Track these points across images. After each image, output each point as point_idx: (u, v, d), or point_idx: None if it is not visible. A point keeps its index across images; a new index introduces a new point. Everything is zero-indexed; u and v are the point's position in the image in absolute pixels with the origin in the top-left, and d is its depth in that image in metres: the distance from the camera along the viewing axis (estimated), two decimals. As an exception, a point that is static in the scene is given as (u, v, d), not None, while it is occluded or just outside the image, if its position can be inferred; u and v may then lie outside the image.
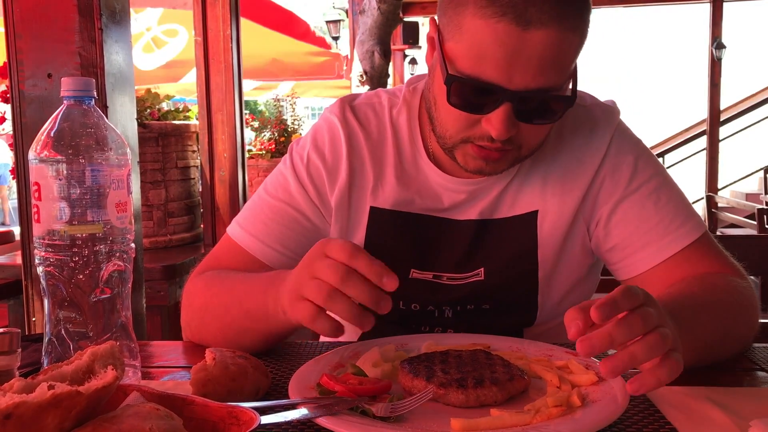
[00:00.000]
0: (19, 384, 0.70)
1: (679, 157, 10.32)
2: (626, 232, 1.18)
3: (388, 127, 1.24)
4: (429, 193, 1.21)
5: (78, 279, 0.92)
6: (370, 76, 4.05)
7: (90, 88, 0.95)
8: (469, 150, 1.08)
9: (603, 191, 1.20)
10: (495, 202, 1.20)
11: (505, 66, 0.98)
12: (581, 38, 1.02)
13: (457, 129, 1.07)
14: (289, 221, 1.21)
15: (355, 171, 1.21)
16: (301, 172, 1.22)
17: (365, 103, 1.27)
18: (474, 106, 1.04)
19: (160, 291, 2.79)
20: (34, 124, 1.73)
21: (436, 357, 0.95)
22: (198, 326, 1.18)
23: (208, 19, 3.28)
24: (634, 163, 1.20)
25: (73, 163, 0.90)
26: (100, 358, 0.79)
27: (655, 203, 1.17)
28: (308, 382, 0.92)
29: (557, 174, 1.20)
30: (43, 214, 0.91)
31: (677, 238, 1.15)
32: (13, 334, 0.86)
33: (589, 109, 1.24)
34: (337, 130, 1.23)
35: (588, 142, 1.21)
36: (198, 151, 3.42)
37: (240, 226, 1.24)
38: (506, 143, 1.05)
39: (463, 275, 1.21)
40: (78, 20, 1.69)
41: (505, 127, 1.01)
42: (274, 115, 4.90)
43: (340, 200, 1.21)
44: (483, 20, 0.97)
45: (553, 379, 0.92)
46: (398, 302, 1.21)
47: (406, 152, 1.22)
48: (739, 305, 1.09)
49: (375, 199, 1.21)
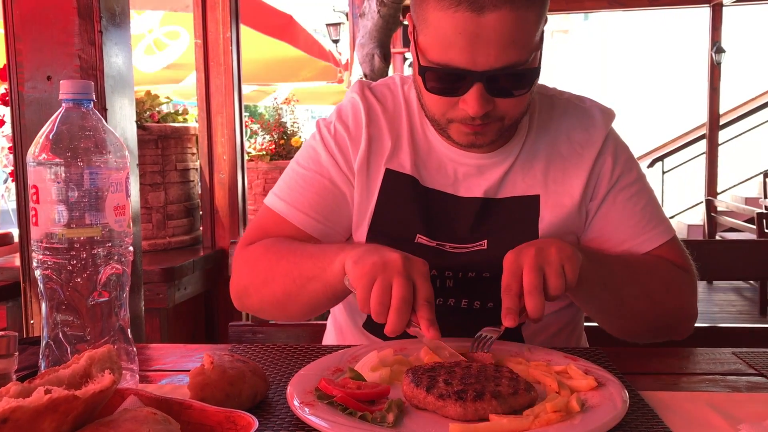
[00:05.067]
0: (15, 388, 0.70)
1: (679, 161, 10.31)
2: (608, 227, 1.28)
3: (402, 102, 1.34)
4: (436, 164, 1.29)
5: (76, 282, 0.92)
6: (370, 79, 4.05)
7: (89, 91, 0.94)
8: (457, 127, 1.18)
9: (596, 185, 1.29)
10: (499, 181, 1.27)
11: (468, 51, 1.06)
12: (538, 14, 1.09)
13: (441, 112, 1.17)
14: (322, 189, 1.30)
15: (373, 138, 1.30)
16: (329, 143, 1.31)
17: (381, 84, 1.38)
18: (448, 90, 1.13)
19: (159, 293, 2.79)
20: (33, 126, 1.73)
21: (442, 367, 0.93)
22: (260, 287, 1.25)
23: (208, 22, 3.28)
24: (623, 165, 1.30)
25: (71, 166, 0.90)
26: (98, 362, 0.78)
27: (635, 204, 1.29)
28: (306, 386, 0.92)
29: (558, 163, 1.29)
30: (41, 217, 0.91)
31: (650, 238, 1.27)
32: (10, 337, 0.86)
33: (587, 109, 1.34)
34: (357, 105, 1.33)
35: (586, 137, 1.30)
36: (197, 153, 3.42)
37: (278, 196, 1.32)
38: (486, 118, 1.13)
39: (466, 245, 1.27)
40: (78, 23, 1.69)
41: (479, 104, 1.10)
42: (274, 118, 4.89)
43: (361, 165, 1.29)
44: (442, 12, 1.06)
45: (552, 383, 0.92)
46: None
47: (416, 125, 1.32)
48: (669, 282, 1.24)
49: (391, 162, 1.29)
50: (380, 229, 1.27)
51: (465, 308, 1.26)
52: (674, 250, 1.30)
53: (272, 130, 4.76)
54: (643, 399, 0.92)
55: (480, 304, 1.26)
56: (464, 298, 1.26)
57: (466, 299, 1.26)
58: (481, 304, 1.26)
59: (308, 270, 1.16)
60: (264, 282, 1.24)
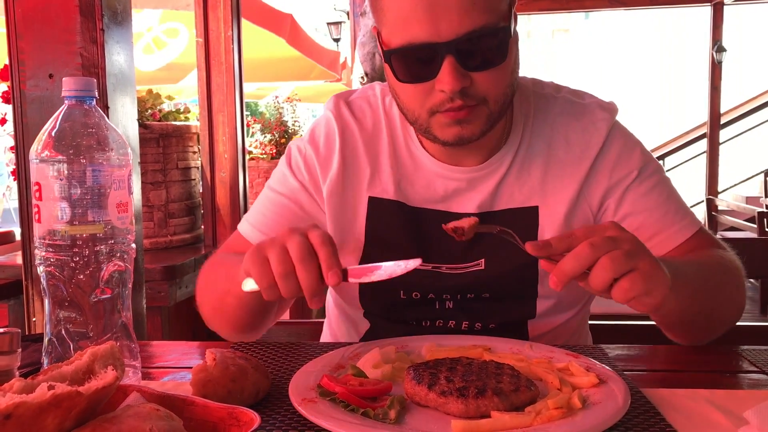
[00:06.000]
0: (19, 384, 0.70)
1: (680, 159, 10.32)
2: (637, 221, 1.20)
3: (382, 117, 1.26)
4: (424, 182, 1.22)
5: (78, 279, 0.92)
6: (371, 77, 4.05)
7: (91, 88, 0.95)
8: (440, 119, 1.09)
9: (609, 183, 1.21)
10: (493, 194, 1.21)
11: (428, 21, 1.00)
12: None
13: (419, 102, 1.08)
14: (289, 214, 1.25)
15: (349, 163, 1.23)
16: (297, 165, 1.27)
17: (360, 97, 1.30)
18: (420, 74, 1.05)
19: (161, 291, 2.79)
20: (35, 124, 1.73)
21: (444, 364, 0.93)
22: (202, 302, 1.25)
23: (210, 21, 3.28)
24: (638, 158, 1.23)
25: (74, 163, 0.90)
26: (100, 359, 0.79)
27: (659, 196, 1.21)
28: (308, 383, 0.92)
29: (556, 170, 1.21)
30: (44, 214, 0.91)
31: (681, 229, 1.20)
32: (14, 334, 0.86)
33: (586, 106, 1.26)
34: (331, 124, 1.26)
35: (585, 138, 1.22)
36: (199, 152, 3.42)
37: (247, 220, 1.31)
38: (467, 98, 1.05)
39: (463, 265, 1.22)
40: (79, 21, 1.70)
41: (453, 78, 1.02)
42: (275, 116, 4.90)
43: (332, 190, 1.23)
44: None
45: (554, 380, 0.92)
46: (399, 291, 1.22)
47: (399, 141, 1.24)
48: (728, 269, 1.16)
49: (373, 189, 1.22)
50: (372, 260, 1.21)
51: (466, 330, 1.22)
52: (706, 237, 1.23)
53: (273, 129, 4.76)
54: (645, 396, 0.92)
55: (481, 325, 1.22)
56: (465, 320, 1.22)
57: (466, 321, 1.22)
58: (483, 325, 1.22)
59: (222, 284, 1.13)
60: (202, 294, 1.25)
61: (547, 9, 8.95)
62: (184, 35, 5.53)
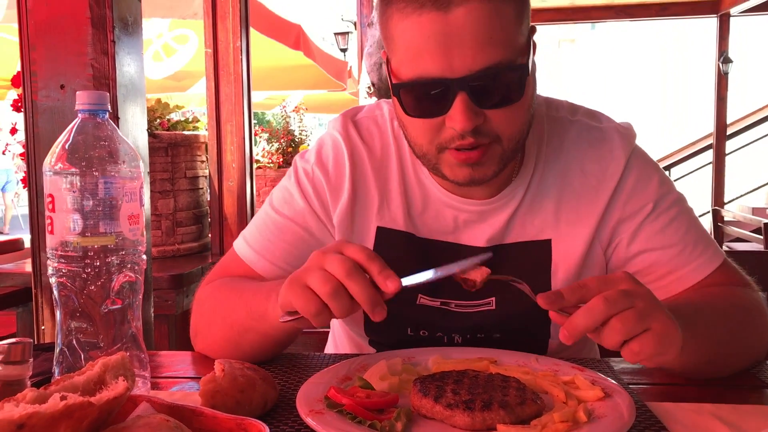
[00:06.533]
0: (32, 394, 0.71)
1: (686, 170, 10.30)
2: (650, 259, 1.15)
3: (391, 141, 1.21)
4: (433, 213, 1.18)
5: (90, 290, 0.93)
6: (377, 87, 4.06)
7: (104, 102, 0.96)
8: (450, 158, 1.04)
9: (622, 215, 1.16)
10: (505, 227, 1.16)
11: (440, 55, 0.94)
12: (516, 3, 0.98)
13: (428, 139, 1.03)
14: (294, 239, 1.20)
15: (359, 190, 1.19)
16: (305, 187, 1.21)
17: (368, 117, 1.24)
18: (430, 108, 1.00)
19: (168, 300, 2.80)
20: (46, 134, 1.75)
21: (450, 377, 0.93)
22: (205, 330, 1.18)
23: (219, 31, 3.32)
24: (657, 189, 1.17)
25: (86, 175, 0.92)
26: (112, 369, 0.80)
27: (676, 230, 1.15)
28: (316, 394, 0.93)
29: (571, 201, 1.16)
30: (56, 225, 0.92)
31: (701, 265, 1.14)
32: (26, 344, 0.87)
33: (604, 131, 1.19)
34: (340, 147, 1.21)
35: (602, 167, 1.17)
36: (207, 161, 3.44)
37: (246, 241, 1.24)
38: (480, 137, 1.00)
39: (472, 303, 1.18)
40: (91, 32, 1.72)
41: (466, 116, 0.96)
42: (282, 125, 4.93)
43: (342, 219, 1.19)
44: (407, 20, 0.96)
45: (560, 394, 0.93)
46: (407, 328, 1.21)
47: (408, 168, 1.20)
48: (748, 313, 1.09)
49: (381, 219, 1.18)
50: None
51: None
52: (729, 271, 1.15)
53: (280, 138, 4.79)
54: (650, 410, 0.93)
55: None
56: None
57: None
58: None
59: (244, 320, 1.07)
60: (208, 325, 1.17)
61: (554, 20, 8.97)
62: (194, 42, 5.56)
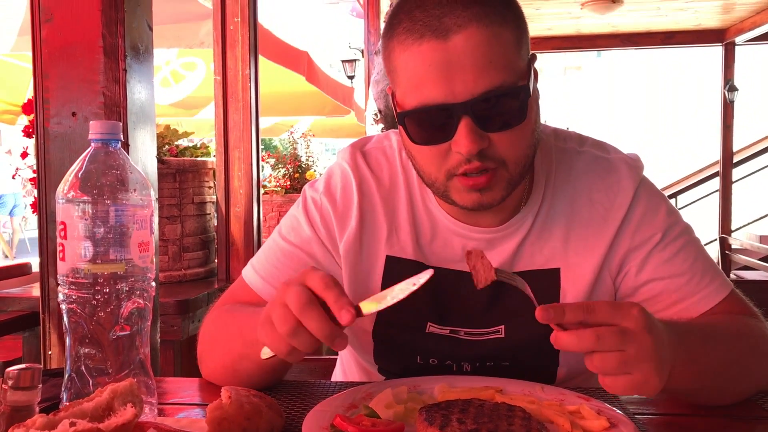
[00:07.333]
0: (41, 420, 0.72)
1: (692, 198, 10.30)
2: (658, 288, 1.16)
3: (399, 171, 1.23)
4: (442, 241, 1.19)
5: (99, 316, 0.94)
6: (384, 115, 4.10)
7: (117, 132, 0.98)
8: (458, 184, 1.05)
9: (631, 245, 1.17)
10: (513, 255, 1.17)
11: (442, 81, 0.97)
12: (514, 29, 1.00)
13: (436, 166, 1.05)
14: (300, 266, 1.20)
15: (367, 220, 1.20)
16: (313, 216, 1.23)
17: (376, 148, 1.26)
18: (435, 135, 1.02)
19: (174, 326, 2.80)
20: (57, 161, 1.77)
21: (456, 406, 0.93)
22: (207, 356, 1.19)
23: (228, 59, 3.36)
24: (664, 220, 1.18)
25: (98, 203, 0.93)
26: (120, 396, 0.81)
27: (683, 261, 1.16)
28: (322, 422, 0.93)
29: (579, 231, 1.17)
30: (68, 252, 0.93)
31: (709, 294, 1.15)
32: (35, 370, 0.88)
33: (611, 162, 1.21)
34: (348, 177, 1.23)
35: (610, 197, 1.18)
36: (214, 187, 3.47)
37: (254, 269, 1.25)
38: (486, 161, 1.02)
39: (482, 331, 1.18)
40: (103, 61, 1.75)
41: (470, 140, 0.98)
42: (289, 151, 4.96)
43: (349, 248, 1.20)
44: (408, 51, 1.00)
45: (565, 424, 0.93)
46: (416, 356, 1.21)
47: (416, 198, 1.21)
48: (754, 340, 1.09)
49: (390, 248, 1.19)
50: (387, 320, 1.19)
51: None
52: (736, 302, 1.17)
53: (287, 164, 4.82)
54: None
55: None
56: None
57: None
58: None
59: (240, 347, 1.08)
60: (209, 352, 1.19)
61: (560, 48, 9.05)
62: (201, 69, 5.64)
